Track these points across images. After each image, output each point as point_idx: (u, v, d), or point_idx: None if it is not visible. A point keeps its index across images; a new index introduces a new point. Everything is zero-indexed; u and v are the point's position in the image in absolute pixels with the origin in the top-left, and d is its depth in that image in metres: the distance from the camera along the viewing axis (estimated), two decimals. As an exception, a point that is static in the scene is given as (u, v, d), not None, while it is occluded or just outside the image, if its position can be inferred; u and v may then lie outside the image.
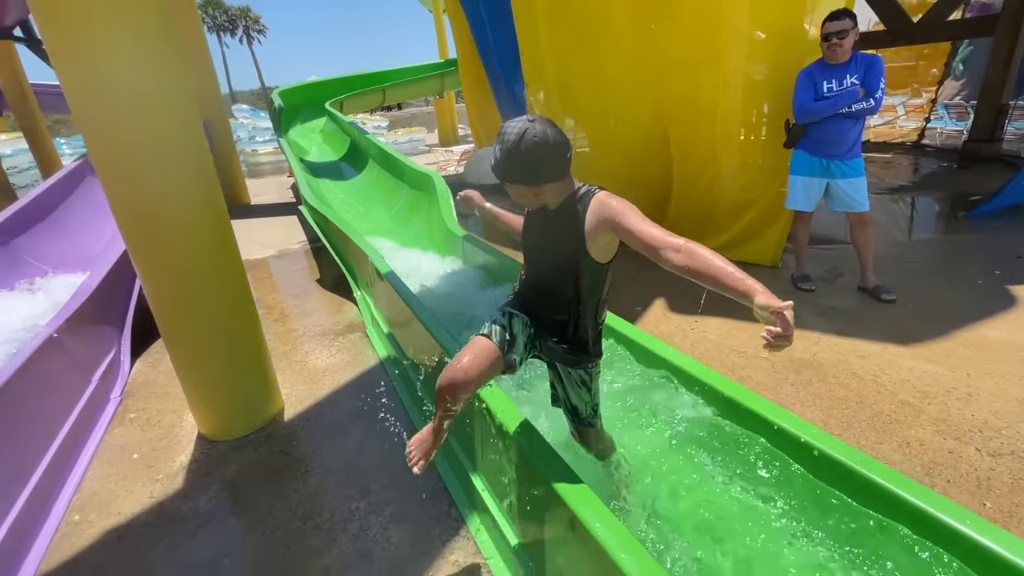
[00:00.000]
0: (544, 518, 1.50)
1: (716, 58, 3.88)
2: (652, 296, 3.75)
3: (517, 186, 1.26)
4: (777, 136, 3.69)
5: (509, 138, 1.19)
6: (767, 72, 3.83)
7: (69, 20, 1.87)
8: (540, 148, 1.19)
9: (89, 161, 6.68)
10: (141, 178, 2.09)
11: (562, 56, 4.82)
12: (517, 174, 1.23)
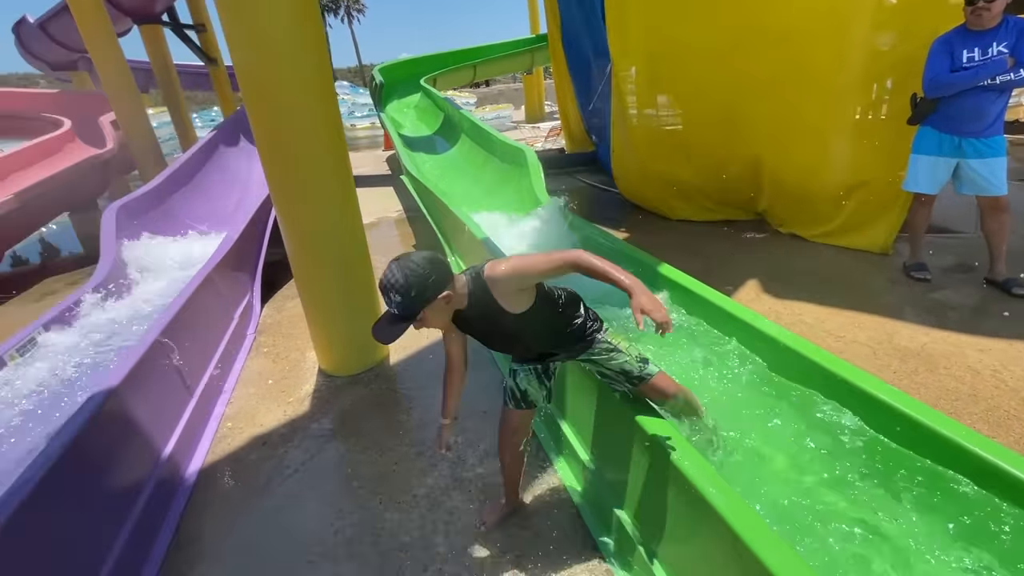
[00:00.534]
0: (625, 453, 1.63)
1: (834, 28, 3.63)
2: (744, 278, 3.67)
3: (426, 317, 1.33)
4: (900, 112, 3.41)
5: (390, 282, 1.28)
6: (894, 42, 3.53)
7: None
8: (414, 274, 1.27)
9: (219, 134, 7.56)
10: (290, 143, 2.43)
11: (653, 31, 4.71)
12: (407, 301, 1.28)
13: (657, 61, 4.87)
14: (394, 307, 1.29)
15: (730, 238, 4.63)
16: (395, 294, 1.27)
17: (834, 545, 1.37)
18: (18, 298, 5.05)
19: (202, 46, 12.22)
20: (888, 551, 1.34)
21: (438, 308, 1.33)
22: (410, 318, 1.30)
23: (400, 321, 1.30)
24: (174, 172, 5.97)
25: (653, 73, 4.97)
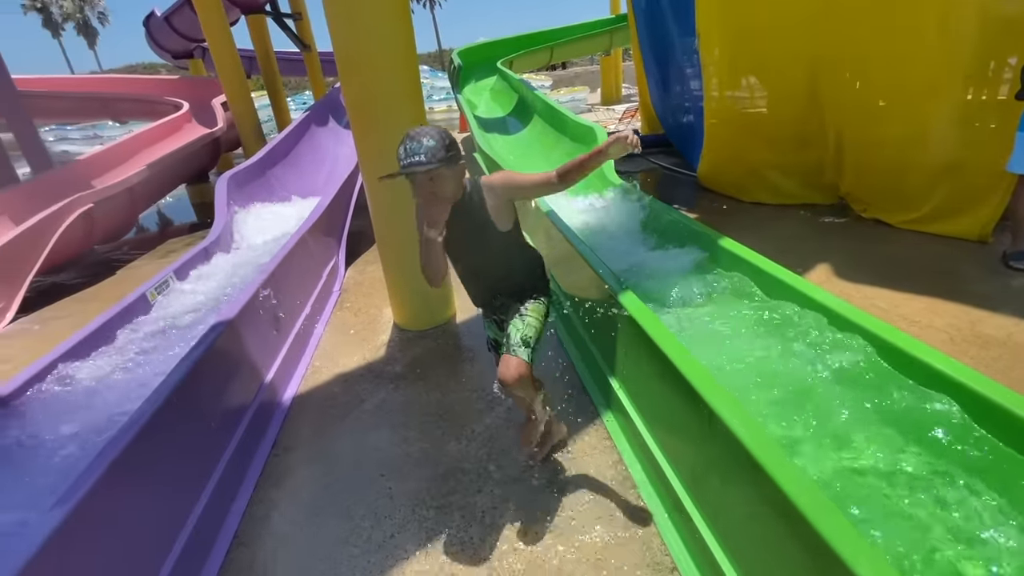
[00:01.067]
0: (671, 408, 1.74)
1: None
2: (816, 261, 3.56)
3: (435, 170, 1.45)
4: (1008, 87, 3.13)
5: (425, 132, 1.46)
6: (1015, 10, 3.21)
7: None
8: (447, 135, 1.47)
9: (311, 115, 8.21)
10: (379, 117, 2.70)
11: (734, 7, 4.57)
12: (436, 153, 1.43)
13: (738, 39, 4.72)
14: (423, 153, 1.41)
15: (806, 222, 4.44)
16: (430, 139, 1.42)
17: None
18: (146, 256, 5.90)
19: (298, 33, 13.14)
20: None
21: (457, 174, 1.52)
22: (444, 161, 1.44)
23: (426, 167, 1.42)
24: (273, 148, 6.61)
25: (733, 51, 4.82)
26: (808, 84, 4.34)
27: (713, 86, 5.08)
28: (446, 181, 1.49)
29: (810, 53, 4.19)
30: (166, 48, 15.30)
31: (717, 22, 4.84)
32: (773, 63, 4.58)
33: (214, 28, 7.76)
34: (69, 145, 15.66)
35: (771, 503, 1.19)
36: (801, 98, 4.45)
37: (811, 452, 1.57)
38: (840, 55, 4.00)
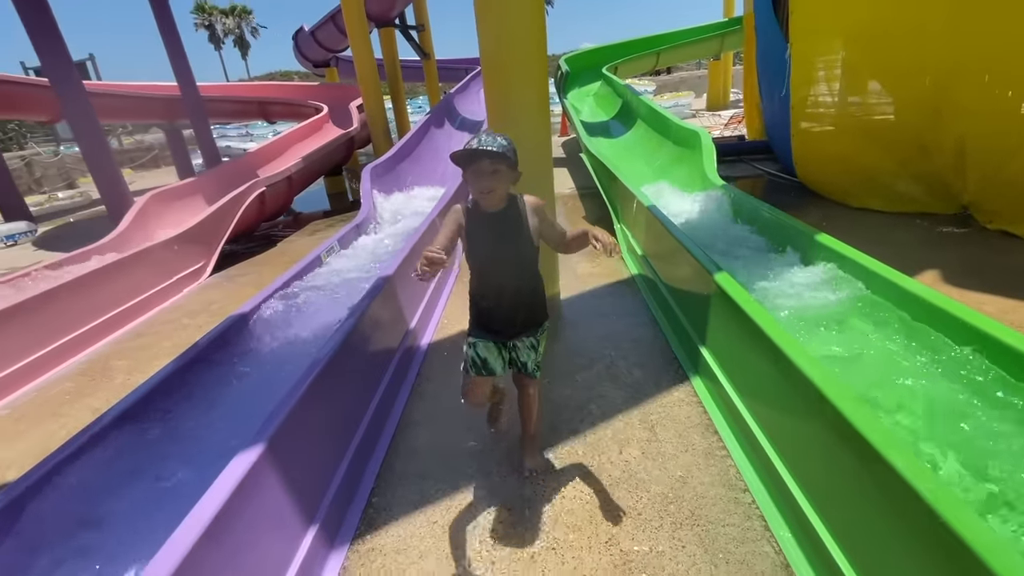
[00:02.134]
0: (757, 372, 2.05)
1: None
2: (925, 267, 3.56)
3: (500, 165, 1.60)
4: None
5: (499, 134, 1.61)
6: None
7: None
8: (512, 145, 1.62)
9: (431, 118, 9.11)
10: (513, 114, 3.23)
11: (849, 10, 4.55)
12: (507, 152, 1.58)
13: (853, 42, 4.70)
14: (497, 146, 1.55)
15: (921, 230, 4.34)
16: (503, 139, 1.59)
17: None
18: (296, 233, 7.04)
19: (420, 44, 14.43)
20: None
21: (511, 180, 1.66)
22: (506, 159, 1.58)
23: (494, 158, 1.57)
24: (402, 146, 7.54)
25: (847, 55, 4.80)
26: (930, 89, 4.25)
27: (817, 89, 5.07)
28: (504, 180, 1.63)
29: (938, 57, 4.11)
30: (309, 58, 17.47)
31: (821, 26, 4.83)
32: (894, 67, 4.51)
33: (358, 40, 8.94)
34: (227, 141, 18.45)
35: (834, 430, 1.50)
36: (921, 103, 4.36)
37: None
38: (973, 60, 3.90)
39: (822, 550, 1.51)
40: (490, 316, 1.82)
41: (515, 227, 1.71)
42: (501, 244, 1.71)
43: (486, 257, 1.74)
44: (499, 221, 1.70)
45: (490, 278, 1.78)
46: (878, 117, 4.81)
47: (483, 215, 1.69)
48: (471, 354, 1.83)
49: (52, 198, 12.17)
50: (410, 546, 1.80)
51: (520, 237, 1.71)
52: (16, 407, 3.18)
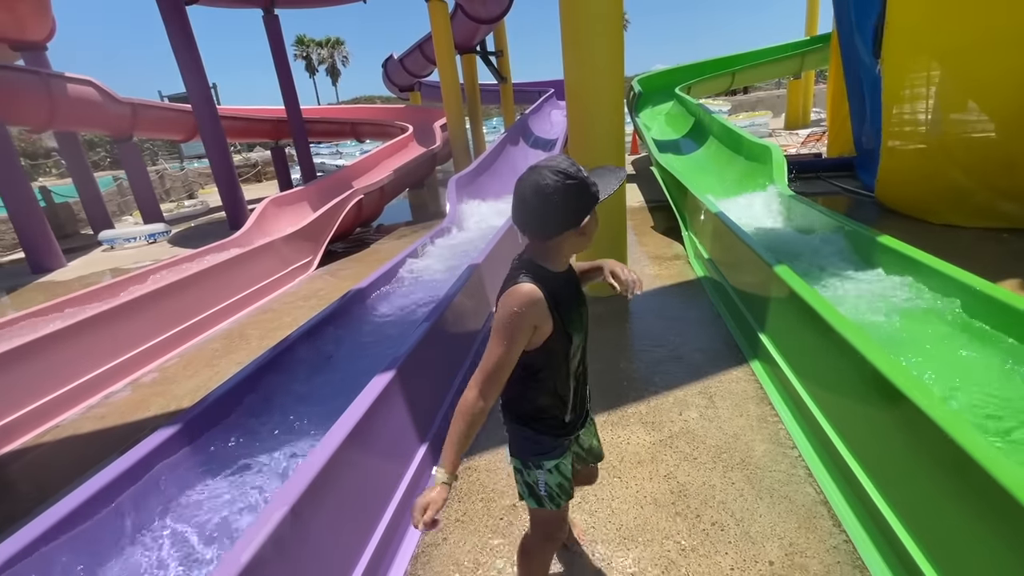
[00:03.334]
0: (810, 350, 2.29)
1: None
2: (1004, 276, 3.54)
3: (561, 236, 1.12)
4: None
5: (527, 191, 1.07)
6: None
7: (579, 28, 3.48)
8: (545, 196, 1.05)
9: (507, 137, 9.75)
10: (592, 135, 3.66)
11: (938, 26, 4.57)
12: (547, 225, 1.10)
13: (943, 58, 4.70)
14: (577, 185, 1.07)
15: (1007, 244, 4.25)
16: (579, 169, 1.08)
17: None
18: (384, 238, 7.82)
19: (499, 68, 15.35)
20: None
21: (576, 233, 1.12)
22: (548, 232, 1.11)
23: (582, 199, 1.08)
24: (482, 161, 8.19)
25: (939, 71, 4.79)
26: (1019, 102, 4.20)
27: (903, 103, 5.07)
28: (577, 236, 1.14)
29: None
30: (396, 83, 19.01)
31: (914, 41, 4.86)
32: (984, 83, 4.48)
33: (445, 66, 9.82)
34: (320, 158, 20.34)
35: (879, 392, 1.74)
36: (1010, 119, 4.30)
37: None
38: None
39: (859, 489, 1.74)
40: (571, 406, 1.27)
41: (575, 288, 1.25)
42: (578, 298, 1.24)
43: (576, 321, 1.20)
44: (573, 281, 1.24)
45: (578, 351, 1.24)
46: (966, 134, 4.75)
47: (560, 278, 1.17)
48: (557, 482, 1.28)
49: (180, 205, 14.07)
50: (500, 467, 2.21)
51: (582, 298, 1.27)
52: (183, 357, 4.00)
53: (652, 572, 1.64)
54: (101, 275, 7.29)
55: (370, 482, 1.86)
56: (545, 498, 1.28)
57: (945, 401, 1.63)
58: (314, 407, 2.43)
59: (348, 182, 9.01)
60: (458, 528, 1.92)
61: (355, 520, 1.72)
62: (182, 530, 1.76)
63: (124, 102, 9.51)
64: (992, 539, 1.23)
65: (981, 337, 2.27)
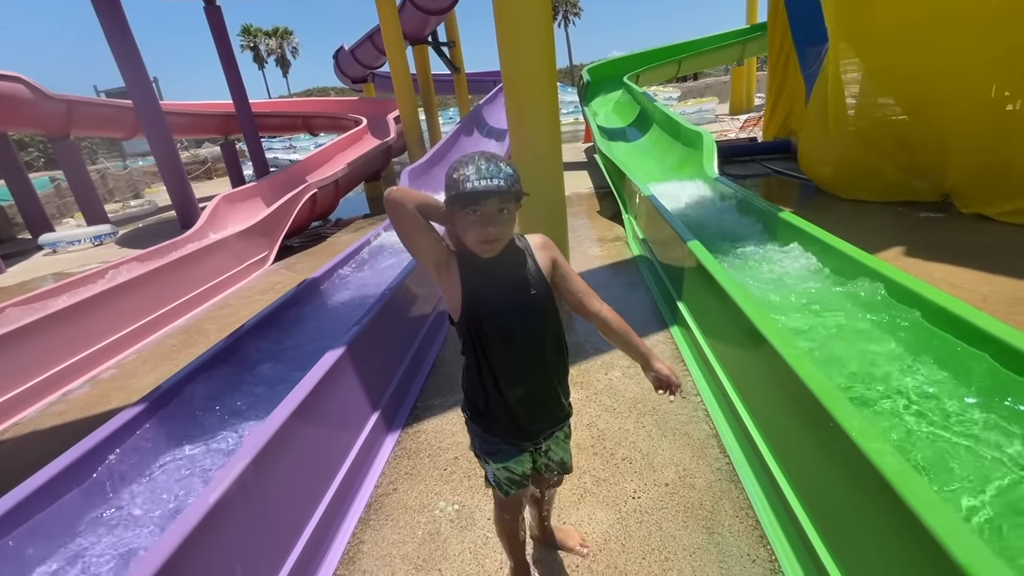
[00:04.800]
0: (719, 317, 2.64)
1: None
2: (892, 244, 4.03)
3: (510, 203, 1.09)
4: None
5: (500, 157, 1.10)
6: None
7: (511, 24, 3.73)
8: (515, 169, 1.10)
9: (461, 127, 9.91)
10: (527, 119, 3.92)
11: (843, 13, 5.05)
12: (516, 183, 1.09)
13: (854, 45, 5.16)
14: (502, 178, 1.05)
15: (901, 216, 4.79)
16: (508, 166, 1.07)
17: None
18: (341, 231, 7.90)
19: (451, 58, 15.38)
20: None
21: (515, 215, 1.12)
22: (518, 196, 1.09)
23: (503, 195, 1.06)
24: (433, 154, 8.35)
25: (847, 57, 5.26)
26: (920, 86, 4.69)
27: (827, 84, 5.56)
28: (513, 220, 1.13)
29: (926, 55, 4.56)
30: (348, 74, 18.70)
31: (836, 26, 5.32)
32: (890, 66, 4.96)
33: (395, 57, 9.85)
34: (273, 153, 19.85)
35: (753, 342, 2.09)
36: (912, 99, 4.80)
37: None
38: (951, 61, 4.35)
39: (741, 423, 2.10)
40: (517, 414, 1.25)
41: (528, 270, 1.20)
42: (520, 298, 1.18)
43: (504, 322, 1.17)
44: (507, 266, 1.18)
45: (511, 355, 1.20)
46: (869, 115, 5.26)
47: (482, 262, 1.14)
48: (506, 477, 1.32)
49: (125, 206, 13.57)
50: (445, 428, 2.48)
51: (540, 284, 1.20)
52: (141, 354, 4.07)
53: (570, 499, 1.95)
54: (44, 280, 7.10)
55: (328, 440, 2.09)
56: (495, 486, 1.35)
57: (804, 350, 1.99)
58: (274, 388, 2.62)
59: (302, 176, 8.98)
60: (407, 480, 2.18)
61: (315, 472, 1.95)
62: (147, 497, 1.95)
63: (58, 99, 9.14)
64: (825, 458, 1.58)
65: (854, 299, 2.67)
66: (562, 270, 1.26)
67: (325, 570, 1.78)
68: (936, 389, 1.92)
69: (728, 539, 1.71)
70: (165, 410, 2.29)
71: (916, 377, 2.00)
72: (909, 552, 1.14)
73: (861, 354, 2.19)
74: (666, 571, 1.62)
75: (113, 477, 1.92)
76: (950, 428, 1.74)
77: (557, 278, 1.26)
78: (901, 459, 1.23)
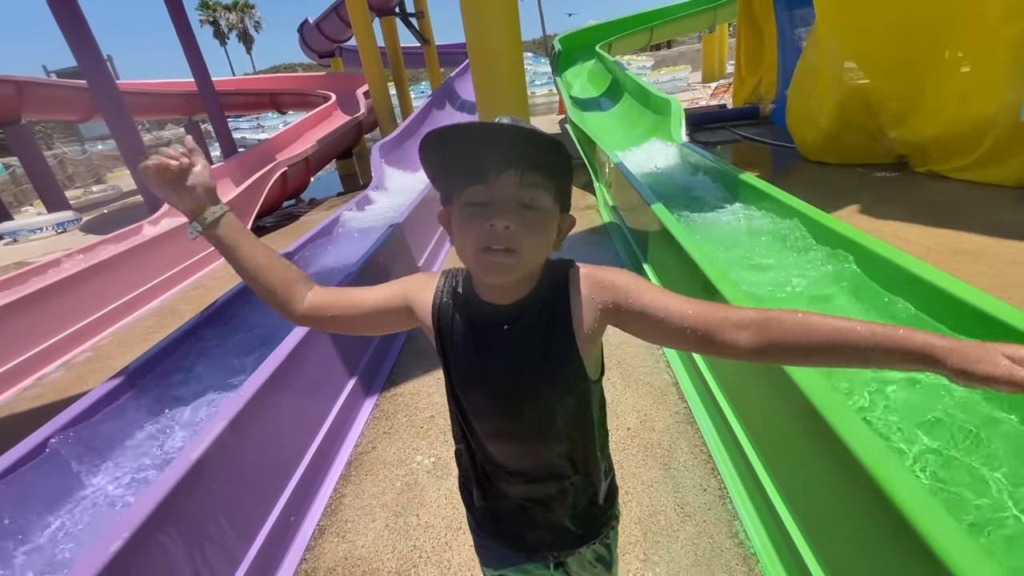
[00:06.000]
0: (681, 275, 2.76)
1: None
2: (849, 203, 4.20)
3: (542, 192, 0.66)
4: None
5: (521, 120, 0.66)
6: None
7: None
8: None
9: (432, 100, 9.78)
10: (495, 89, 3.93)
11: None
12: (560, 156, 0.66)
13: (824, 13, 5.23)
14: (532, 140, 0.62)
15: (859, 176, 4.97)
16: (541, 132, 0.62)
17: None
18: (315, 210, 7.82)
19: (420, 30, 15.00)
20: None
21: (555, 225, 0.71)
22: (559, 189, 0.69)
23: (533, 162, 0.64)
24: (406, 127, 8.25)
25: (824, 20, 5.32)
26: (885, 48, 4.80)
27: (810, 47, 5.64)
28: (541, 230, 0.68)
29: (891, 18, 4.64)
30: (314, 49, 18.12)
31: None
32: (856, 28, 5.03)
33: (361, 29, 9.60)
34: (240, 133, 19.27)
35: (708, 295, 2.21)
36: (876, 62, 4.91)
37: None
38: (920, 21, 4.45)
39: (699, 372, 2.23)
40: (510, 512, 0.88)
41: (547, 336, 0.73)
42: (521, 368, 0.74)
43: (486, 395, 0.78)
44: (512, 332, 0.74)
45: (497, 435, 0.81)
46: (834, 82, 5.37)
47: (478, 310, 0.75)
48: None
49: (87, 192, 13.11)
50: (422, 390, 2.58)
51: (561, 350, 0.73)
52: (115, 336, 4.06)
53: (539, 447, 2.08)
54: (6, 270, 6.90)
55: (305, 403, 2.17)
56: None
57: (749, 294, 2.11)
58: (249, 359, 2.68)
59: (271, 155, 8.79)
60: (385, 438, 2.28)
61: (294, 433, 2.03)
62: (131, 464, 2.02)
63: (5, 80, 8.71)
64: (772, 396, 1.72)
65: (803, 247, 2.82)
66: (629, 314, 0.71)
67: (309, 521, 1.88)
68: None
69: (683, 472, 1.86)
70: (144, 382, 2.33)
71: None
72: (831, 469, 1.28)
73: (811, 302, 2.34)
74: (626, 504, 1.76)
75: (98, 444, 1.98)
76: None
77: (628, 321, 0.71)
78: (830, 388, 1.37)
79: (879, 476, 1.07)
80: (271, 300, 0.78)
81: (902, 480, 1.03)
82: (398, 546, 1.74)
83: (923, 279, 1.97)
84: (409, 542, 1.74)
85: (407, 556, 1.69)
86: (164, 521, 1.37)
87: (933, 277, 1.93)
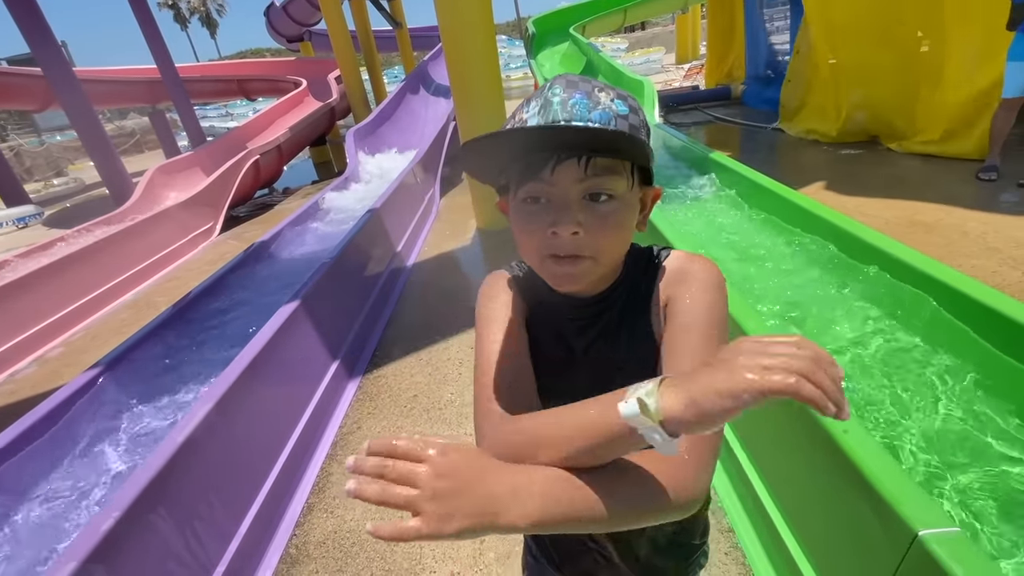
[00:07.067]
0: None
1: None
2: (813, 180, 4.34)
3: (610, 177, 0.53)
4: (995, 18, 3.64)
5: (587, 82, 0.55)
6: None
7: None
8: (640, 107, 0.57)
9: (405, 86, 9.64)
10: (467, 72, 3.92)
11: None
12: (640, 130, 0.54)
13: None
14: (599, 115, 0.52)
15: (826, 153, 5.12)
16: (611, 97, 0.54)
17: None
18: (289, 199, 7.71)
19: (391, 13, 14.68)
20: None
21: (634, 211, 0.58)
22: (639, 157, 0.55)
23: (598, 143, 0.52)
24: (380, 112, 8.14)
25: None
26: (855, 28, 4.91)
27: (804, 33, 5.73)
28: (617, 221, 0.56)
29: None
30: (282, 33, 17.58)
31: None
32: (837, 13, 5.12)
33: (331, 12, 9.37)
34: (209, 122, 18.69)
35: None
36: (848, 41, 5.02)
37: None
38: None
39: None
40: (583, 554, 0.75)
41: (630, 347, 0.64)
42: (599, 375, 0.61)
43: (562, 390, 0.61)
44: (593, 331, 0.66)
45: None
46: (820, 64, 5.48)
47: (556, 309, 0.68)
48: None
49: (48, 185, 12.62)
50: (404, 371, 2.63)
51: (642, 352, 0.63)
52: (89, 331, 3.99)
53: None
54: (-31, 266, 6.66)
55: (289, 386, 2.20)
56: None
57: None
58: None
59: (242, 143, 8.57)
60: (369, 418, 2.33)
61: (278, 415, 2.07)
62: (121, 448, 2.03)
63: (-46, 68, 8.27)
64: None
65: (769, 223, 2.93)
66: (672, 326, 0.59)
67: (298, 499, 1.93)
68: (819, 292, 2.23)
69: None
70: (125, 371, 2.33)
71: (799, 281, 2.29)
72: (828, 477, 1.37)
73: (780, 280, 2.46)
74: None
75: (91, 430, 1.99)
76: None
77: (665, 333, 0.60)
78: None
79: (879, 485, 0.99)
80: None
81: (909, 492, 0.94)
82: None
83: (880, 249, 2.09)
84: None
85: (395, 526, 1.76)
86: (155, 500, 1.40)
87: (889, 247, 2.06)
